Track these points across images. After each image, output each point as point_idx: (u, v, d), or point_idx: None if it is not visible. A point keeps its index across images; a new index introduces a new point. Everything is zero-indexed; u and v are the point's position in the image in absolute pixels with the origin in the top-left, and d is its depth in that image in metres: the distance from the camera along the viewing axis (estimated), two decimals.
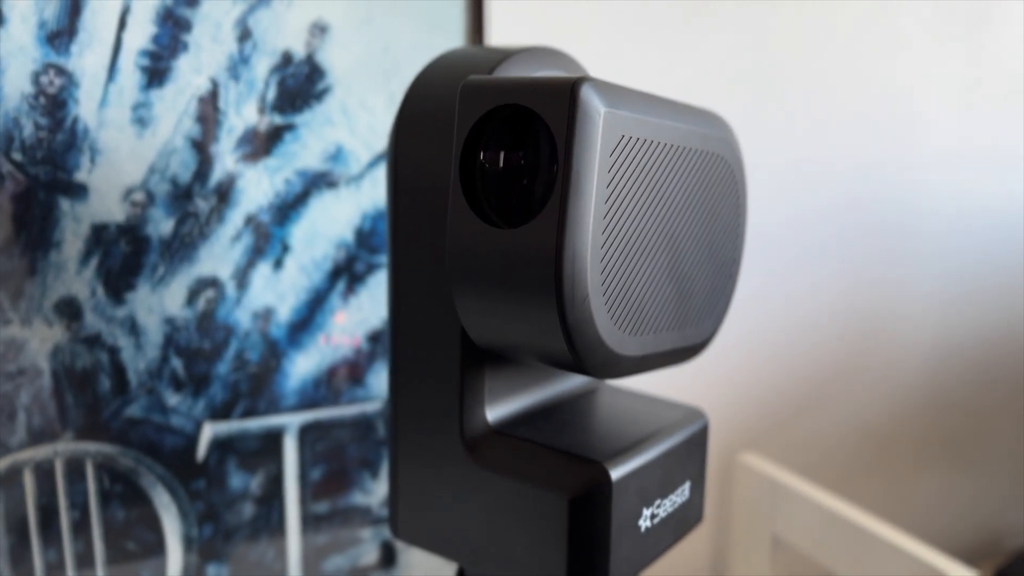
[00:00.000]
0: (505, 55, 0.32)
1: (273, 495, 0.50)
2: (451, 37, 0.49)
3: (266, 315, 0.48)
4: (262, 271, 0.47)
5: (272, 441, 0.49)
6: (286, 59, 0.46)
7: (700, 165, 0.32)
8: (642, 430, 0.33)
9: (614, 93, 0.27)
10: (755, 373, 0.72)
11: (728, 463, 0.71)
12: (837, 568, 0.59)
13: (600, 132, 0.26)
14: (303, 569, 0.51)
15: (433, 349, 0.33)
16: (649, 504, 0.32)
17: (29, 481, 0.43)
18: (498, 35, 0.51)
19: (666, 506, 0.33)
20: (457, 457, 0.32)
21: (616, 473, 0.30)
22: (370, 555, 0.54)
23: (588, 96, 0.26)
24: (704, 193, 0.32)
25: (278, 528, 0.50)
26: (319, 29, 0.46)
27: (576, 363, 0.28)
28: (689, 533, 0.36)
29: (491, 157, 0.28)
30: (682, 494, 0.35)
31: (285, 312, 0.48)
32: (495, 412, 0.33)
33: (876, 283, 0.77)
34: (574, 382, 0.38)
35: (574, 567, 0.29)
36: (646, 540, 0.32)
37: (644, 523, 0.32)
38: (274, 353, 0.48)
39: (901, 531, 0.56)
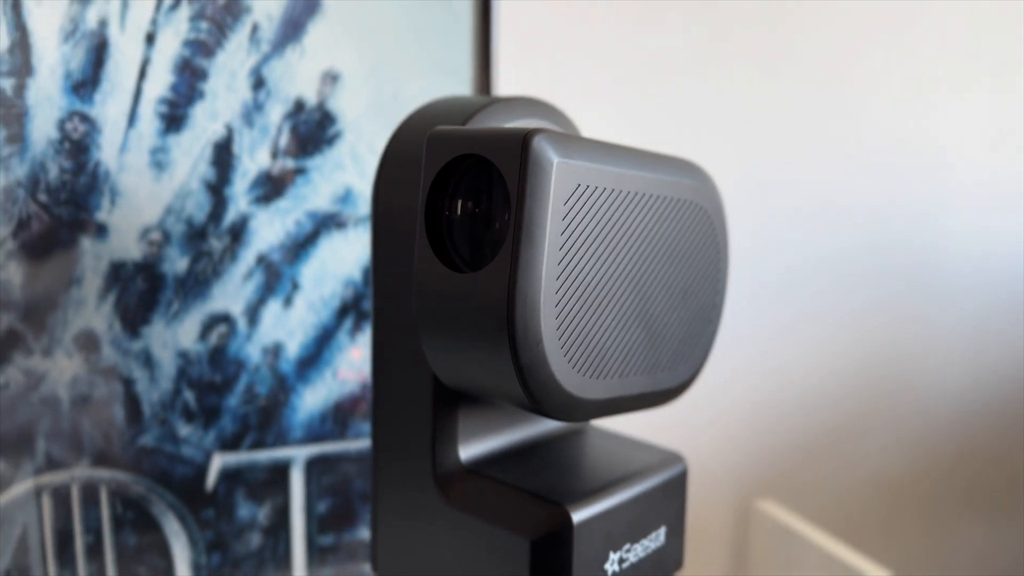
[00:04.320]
0: (483, 105, 0.33)
1: (280, 526, 0.51)
2: (459, 84, 0.51)
3: (275, 351, 0.49)
4: (272, 308, 0.49)
5: (279, 473, 0.50)
6: (298, 106, 0.48)
7: (670, 212, 0.32)
8: (612, 473, 0.34)
9: (570, 144, 0.28)
10: (773, 416, 0.71)
11: (744, 509, 0.70)
12: None
13: (553, 182, 0.27)
14: None
15: (408, 389, 0.34)
16: (617, 548, 0.32)
17: (47, 505, 0.45)
18: (506, 81, 0.52)
19: (637, 551, 0.33)
20: (429, 495, 0.33)
21: (578, 516, 0.30)
22: None
23: (541, 147, 0.26)
24: (675, 239, 0.33)
25: (284, 559, 0.51)
26: (331, 78, 0.48)
27: (533, 405, 0.29)
28: None
29: (451, 205, 0.29)
30: (656, 539, 0.34)
31: (294, 348, 0.50)
32: (468, 451, 0.34)
33: (901, 328, 0.75)
34: (556, 423, 0.38)
35: None
36: None
37: (611, 567, 0.32)
38: (283, 387, 0.50)
39: None
